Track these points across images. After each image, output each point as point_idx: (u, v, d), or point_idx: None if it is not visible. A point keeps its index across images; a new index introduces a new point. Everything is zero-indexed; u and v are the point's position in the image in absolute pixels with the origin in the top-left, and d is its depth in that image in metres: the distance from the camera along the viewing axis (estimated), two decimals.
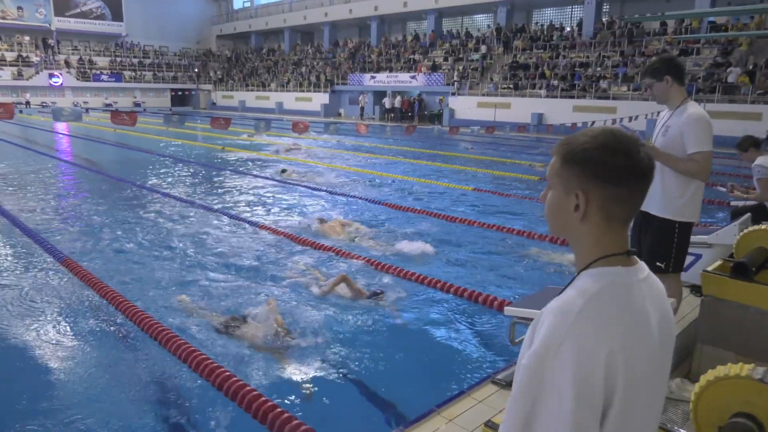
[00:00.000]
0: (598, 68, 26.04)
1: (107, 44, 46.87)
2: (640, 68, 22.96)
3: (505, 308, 3.38)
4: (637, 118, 19.86)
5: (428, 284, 5.16)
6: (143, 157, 15.18)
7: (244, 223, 7.56)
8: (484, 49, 31.89)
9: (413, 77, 32.56)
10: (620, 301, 1.06)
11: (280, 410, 2.96)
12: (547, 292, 3.34)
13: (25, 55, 40.84)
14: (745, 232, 3.54)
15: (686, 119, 3.21)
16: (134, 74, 45.18)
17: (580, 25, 29.47)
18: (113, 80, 43.69)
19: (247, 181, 11.43)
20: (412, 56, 34.87)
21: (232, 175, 12.28)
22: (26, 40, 42.34)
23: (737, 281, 2.95)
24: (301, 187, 10.53)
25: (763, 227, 3.45)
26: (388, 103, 33.57)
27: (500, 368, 3.36)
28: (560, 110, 25.26)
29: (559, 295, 1.09)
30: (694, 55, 23.80)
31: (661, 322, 1.12)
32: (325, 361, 3.71)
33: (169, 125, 21.00)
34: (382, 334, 4.14)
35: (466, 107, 29.46)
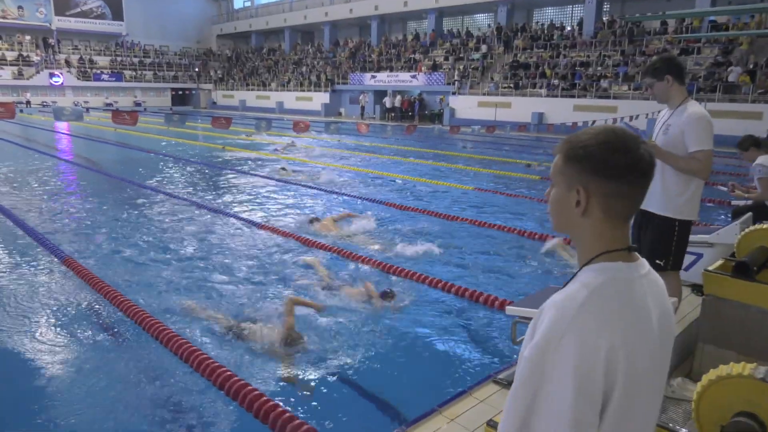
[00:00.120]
0: (598, 67, 26.03)
1: (108, 44, 46.87)
2: (640, 67, 22.96)
3: (506, 308, 3.38)
4: (637, 117, 19.84)
5: (429, 284, 5.16)
6: (144, 156, 15.18)
7: (243, 222, 7.56)
8: (484, 48, 31.87)
9: (414, 77, 32.55)
10: (622, 295, 1.07)
11: (281, 410, 2.96)
12: (548, 291, 3.34)
13: (25, 54, 40.84)
14: (746, 231, 3.54)
15: (687, 118, 3.23)
16: (135, 74, 45.17)
17: (580, 24, 29.44)
18: (114, 80, 43.68)
19: (246, 180, 11.43)
20: (412, 56, 34.86)
21: (232, 174, 12.29)
22: (27, 39, 42.33)
23: (739, 280, 2.94)
24: (301, 186, 10.53)
25: (764, 226, 3.44)
26: (388, 102, 33.56)
27: (501, 368, 3.37)
28: (561, 109, 25.24)
29: (561, 289, 1.11)
30: (694, 54, 23.77)
31: (661, 318, 1.13)
32: (326, 360, 3.71)
33: (169, 125, 21.04)
34: (382, 333, 4.14)
35: (466, 107, 29.45)
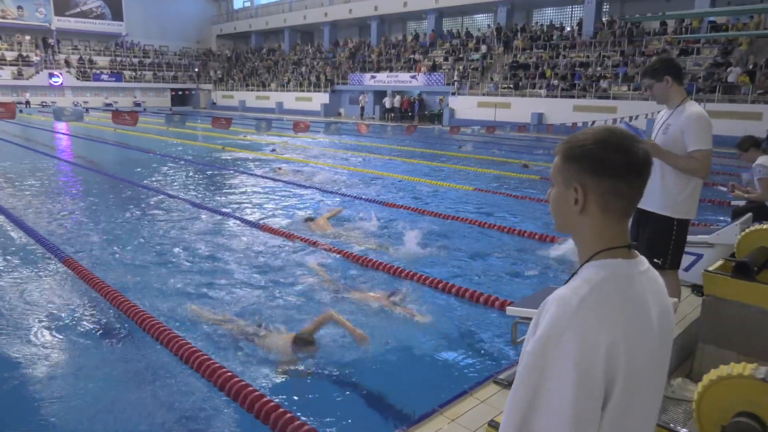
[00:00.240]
0: (598, 68, 26.05)
1: (107, 44, 46.87)
2: (640, 68, 22.96)
3: (507, 308, 3.38)
4: (637, 117, 19.87)
5: (429, 284, 5.16)
6: (144, 156, 15.17)
7: (242, 222, 7.55)
8: (484, 48, 31.89)
9: (413, 77, 32.56)
10: (623, 291, 1.09)
11: (282, 410, 2.96)
12: (548, 291, 3.34)
13: (25, 54, 40.84)
14: (746, 231, 3.55)
15: (686, 118, 3.27)
16: (134, 74, 45.18)
17: (580, 24, 29.47)
18: (113, 80, 43.69)
19: (245, 180, 11.43)
20: (412, 56, 34.87)
21: (232, 174, 12.29)
22: (26, 39, 42.34)
23: (739, 281, 2.95)
24: (301, 186, 10.53)
25: (764, 227, 3.45)
26: (388, 102, 33.57)
27: (502, 368, 3.37)
28: (560, 110, 25.27)
29: (563, 285, 1.12)
30: (694, 54, 23.80)
31: (661, 317, 1.14)
32: (326, 361, 3.70)
33: (169, 125, 21.10)
34: (383, 334, 4.14)
35: (466, 107, 29.46)
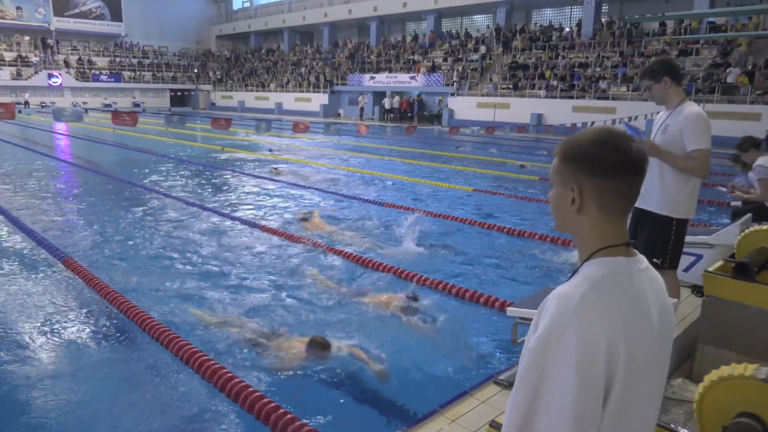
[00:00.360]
0: (597, 68, 26.07)
1: (106, 44, 46.86)
2: (639, 68, 22.98)
3: (507, 309, 3.38)
4: (636, 118, 19.88)
5: (429, 285, 5.16)
6: (143, 157, 15.17)
7: (241, 222, 7.55)
8: (483, 49, 31.91)
9: (413, 78, 32.58)
10: (623, 288, 1.10)
11: (283, 411, 2.96)
12: (548, 291, 3.32)
13: (24, 55, 40.82)
14: (746, 232, 3.55)
15: (685, 118, 3.30)
16: (133, 74, 45.17)
17: (579, 25, 29.50)
18: (112, 80, 43.68)
19: (246, 181, 11.43)
20: (411, 57, 34.89)
21: (231, 175, 12.29)
22: (25, 40, 42.34)
23: (739, 281, 2.95)
24: (301, 187, 10.53)
25: (764, 227, 3.46)
26: (387, 103, 33.57)
27: (502, 369, 3.37)
28: (560, 110, 25.29)
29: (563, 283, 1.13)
30: (693, 55, 23.83)
31: (661, 315, 1.14)
32: (327, 361, 3.70)
33: (169, 126, 21.09)
34: (383, 334, 4.14)
35: (465, 107, 29.48)
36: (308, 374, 3.56)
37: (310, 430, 2.81)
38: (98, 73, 43.25)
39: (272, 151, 16.78)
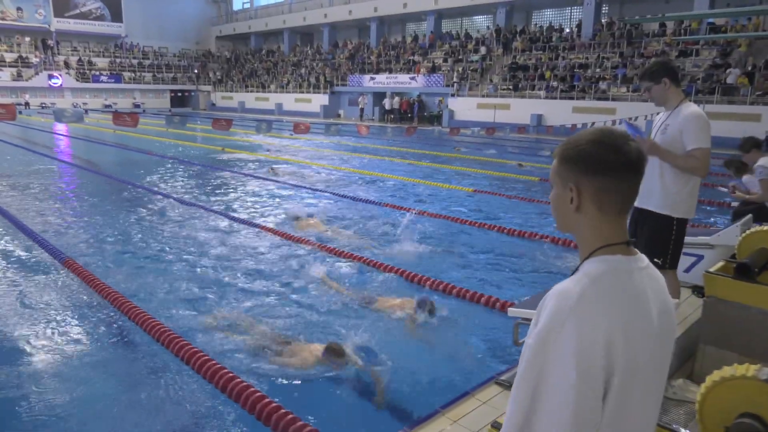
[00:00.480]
0: (597, 69, 26.08)
1: (107, 45, 46.88)
2: (639, 69, 22.99)
3: (508, 309, 3.38)
4: (636, 118, 19.89)
5: (430, 285, 5.16)
6: (143, 158, 15.17)
7: (240, 223, 7.55)
8: (483, 50, 31.92)
9: (413, 78, 32.58)
10: (623, 285, 1.10)
11: (284, 411, 2.97)
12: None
13: (24, 56, 40.83)
14: (747, 233, 3.55)
15: (684, 117, 3.32)
16: (134, 75, 45.18)
17: (579, 26, 29.51)
18: (113, 81, 43.68)
19: (246, 181, 11.42)
20: (411, 57, 34.90)
21: (231, 175, 12.28)
22: (26, 41, 42.35)
23: (740, 282, 2.95)
24: (301, 187, 10.53)
25: (765, 228, 3.46)
26: (387, 104, 33.58)
27: (504, 369, 3.37)
28: (560, 111, 25.30)
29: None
30: (693, 56, 23.84)
31: (661, 315, 1.15)
32: (341, 368, 3.69)
33: (169, 126, 21.11)
34: (384, 335, 4.14)
35: (465, 108, 29.49)
36: (310, 375, 3.57)
37: (311, 430, 2.81)
38: (98, 73, 43.26)
39: (270, 151, 16.80)
